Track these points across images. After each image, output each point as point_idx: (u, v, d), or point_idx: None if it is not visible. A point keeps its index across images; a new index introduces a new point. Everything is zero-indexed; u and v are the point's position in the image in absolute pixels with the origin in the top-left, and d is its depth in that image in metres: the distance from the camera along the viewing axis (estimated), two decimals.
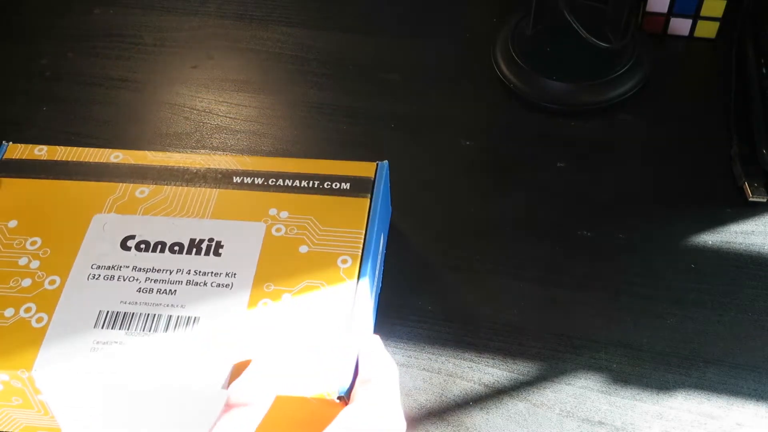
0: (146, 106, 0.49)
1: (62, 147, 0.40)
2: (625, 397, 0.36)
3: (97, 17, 0.55)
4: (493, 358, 0.37)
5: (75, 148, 0.40)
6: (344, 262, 0.35)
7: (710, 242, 0.41)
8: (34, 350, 0.32)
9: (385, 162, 0.38)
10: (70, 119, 0.49)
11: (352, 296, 0.34)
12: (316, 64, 0.51)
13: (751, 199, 0.42)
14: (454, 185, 0.44)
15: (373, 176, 0.38)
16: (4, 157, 0.39)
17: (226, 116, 0.49)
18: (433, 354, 0.38)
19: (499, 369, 0.37)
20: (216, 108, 0.49)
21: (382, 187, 0.38)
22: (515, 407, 0.36)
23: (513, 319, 0.39)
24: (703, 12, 0.49)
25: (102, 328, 0.33)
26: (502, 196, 0.44)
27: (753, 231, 0.42)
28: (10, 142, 0.40)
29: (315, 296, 0.34)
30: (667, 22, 0.50)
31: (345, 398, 0.31)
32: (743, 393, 0.36)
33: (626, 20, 0.46)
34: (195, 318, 0.33)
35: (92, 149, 0.40)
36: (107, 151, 0.39)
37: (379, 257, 0.38)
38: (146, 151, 0.40)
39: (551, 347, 0.38)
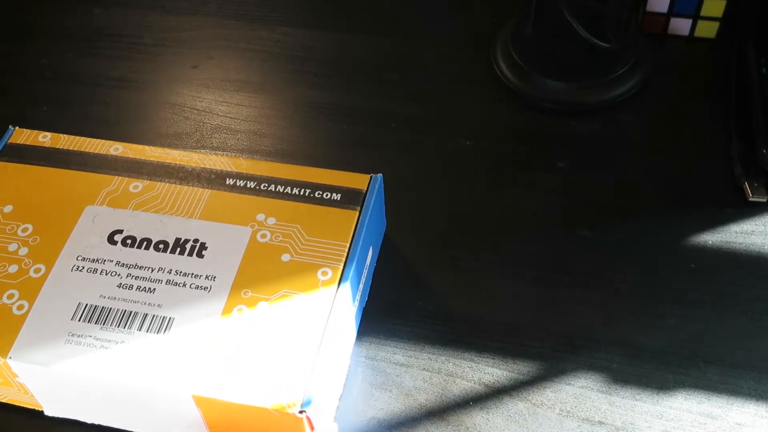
0: (146, 106, 0.49)
1: (65, 135, 0.40)
2: (625, 397, 0.36)
3: (98, 17, 0.55)
4: (493, 358, 0.37)
5: (77, 137, 0.40)
6: (324, 274, 0.34)
7: (710, 242, 0.41)
8: (11, 337, 0.33)
9: (379, 175, 0.38)
10: (70, 119, 0.49)
11: (328, 310, 0.33)
12: (316, 64, 0.51)
13: (751, 199, 0.42)
14: (454, 185, 0.44)
15: (365, 189, 0.37)
16: (9, 141, 0.40)
17: (226, 116, 0.49)
18: (433, 354, 0.38)
19: (499, 369, 0.37)
20: (216, 108, 0.49)
21: (373, 200, 0.37)
22: (515, 407, 0.36)
23: (513, 319, 0.39)
24: (703, 12, 0.49)
25: (79, 320, 0.33)
26: (501, 196, 0.44)
27: (753, 231, 0.42)
28: (17, 127, 0.40)
29: (291, 306, 0.34)
30: (667, 22, 0.50)
31: (306, 412, 0.31)
32: (743, 393, 0.36)
33: (626, 20, 0.46)
34: (169, 318, 0.33)
35: (94, 140, 0.40)
36: (108, 142, 0.40)
37: (365, 271, 0.38)
38: (145, 146, 0.40)
39: (551, 347, 0.38)
